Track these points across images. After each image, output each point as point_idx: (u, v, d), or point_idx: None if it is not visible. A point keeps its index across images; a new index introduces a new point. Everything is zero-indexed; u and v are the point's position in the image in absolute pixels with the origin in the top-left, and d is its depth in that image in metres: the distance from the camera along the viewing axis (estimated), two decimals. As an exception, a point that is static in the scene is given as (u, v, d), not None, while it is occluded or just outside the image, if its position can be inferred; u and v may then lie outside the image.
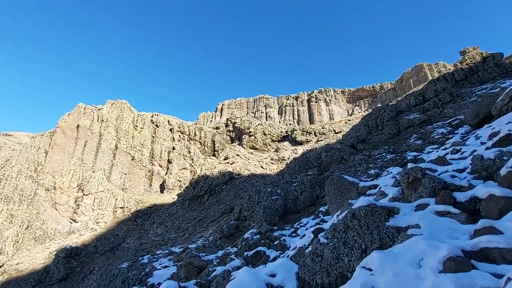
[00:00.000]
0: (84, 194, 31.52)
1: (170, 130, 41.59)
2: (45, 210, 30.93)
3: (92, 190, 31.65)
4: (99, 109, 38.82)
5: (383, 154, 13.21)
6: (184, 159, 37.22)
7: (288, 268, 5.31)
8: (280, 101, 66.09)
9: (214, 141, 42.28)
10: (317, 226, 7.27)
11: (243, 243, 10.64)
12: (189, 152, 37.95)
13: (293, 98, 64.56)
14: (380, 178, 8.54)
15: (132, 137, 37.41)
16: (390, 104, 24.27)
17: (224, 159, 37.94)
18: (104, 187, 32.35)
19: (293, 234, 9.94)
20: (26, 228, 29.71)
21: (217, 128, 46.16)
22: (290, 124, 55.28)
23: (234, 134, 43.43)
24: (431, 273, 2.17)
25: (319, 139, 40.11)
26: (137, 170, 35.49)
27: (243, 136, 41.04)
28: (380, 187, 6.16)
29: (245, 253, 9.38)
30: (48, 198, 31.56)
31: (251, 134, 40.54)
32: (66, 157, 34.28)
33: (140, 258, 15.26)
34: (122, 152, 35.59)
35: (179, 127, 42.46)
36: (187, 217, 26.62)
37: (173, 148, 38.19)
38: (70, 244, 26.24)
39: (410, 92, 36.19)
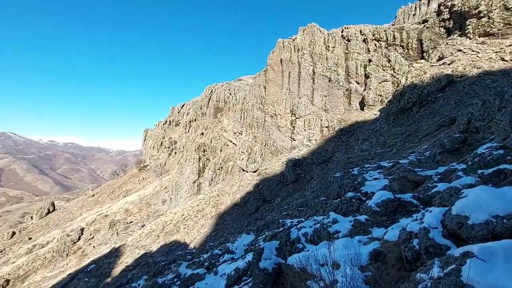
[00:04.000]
0: (296, 118, 37.54)
1: (364, 41, 37.71)
2: (273, 132, 40.31)
3: (301, 114, 36.92)
4: (293, 40, 41.89)
5: None
6: (384, 70, 33.33)
7: None
8: None
9: (421, 40, 33.90)
10: None
11: (475, 160, 8.54)
12: (389, 61, 33.22)
13: None
14: None
15: (326, 59, 37.93)
16: None
17: (437, 60, 30.00)
18: (310, 110, 36.60)
19: None
20: (265, 145, 40.56)
21: (425, 21, 36.05)
22: None
23: (451, 22, 32.17)
24: None
25: None
26: (335, 91, 36.56)
27: (466, 22, 29.49)
28: None
29: (480, 171, 7.51)
30: (273, 123, 40.57)
31: (481, 15, 28.00)
32: (278, 89, 41.40)
33: (350, 170, 16.67)
34: (319, 75, 37.53)
35: (373, 35, 37.48)
36: (393, 133, 25.00)
37: (369, 61, 34.94)
38: (294, 157, 33.22)
39: None
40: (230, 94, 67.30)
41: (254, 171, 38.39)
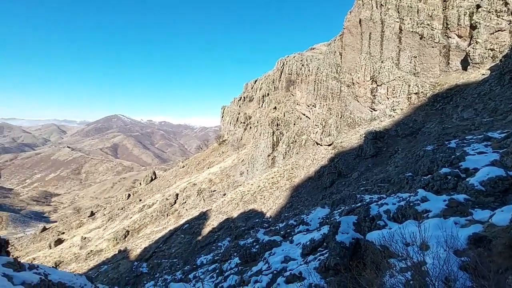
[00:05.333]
0: (377, 85, 33.75)
1: (470, -18, 30.07)
2: (349, 102, 37.53)
3: (384, 80, 32.94)
4: (375, -5, 36.57)
5: None
6: (498, 16, 26.12)
7: None
8: None
9: (562, -32, 24.93)
10: None
11: None
12: (506, 3, 25.72)
13: None
14: None
15: (417, 12, 31.97)
16: None
17: None
18: (395, 75, 32.21)
19: None
20: (340, 117, 38.32)
21: None
22: None
23: None
24: None
25: None
26: (428, 50, 30.87)
27: None
28: None
29: None
30: (350, 92, 37.61)
31: None
32: (356, 54, 37.57)
33: (446, 142, 14.31)
34: (407, 33, 32.14)
35: (485, -28, 29.46)
36: (507, 96, 20.06)
37: (477, 7, 27.83)
38: (374, 129, 30.47)
39: None
40: (303, 65, 64.72)
41: (329, 145, 37.07)
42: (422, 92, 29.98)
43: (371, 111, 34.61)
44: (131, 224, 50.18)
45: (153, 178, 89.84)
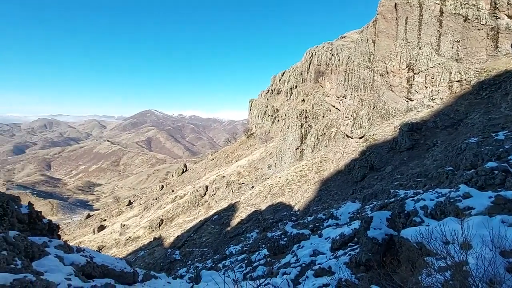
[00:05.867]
0: (414, 73, 31.60)
1: (526, -47, 26.66)
2: (383, 93, 35.65)
3: (421, 68, 30.73)
4: (412, -24, 33.90)
5: None
6: (561, -9, 23.02)
7: None
8: None
9: None
10: None
11: None
12: None
13: None
14: None
15: (461, -8, 29.23)
16: None
17: None
18: (434, 62, 29.88)
19: None
20: (373, 108, 36.60)
21: None
22: None
23: None
24: None
25: None
26: (473, 33, 28.11)
27: None
28: None
29: None
30: (384, 82, 35.67)
31: None
32: (390, 41, 35.37)
33: (492, 134, 13.05)
34: (449, 15, 29.50)
35: None
36: None
37: (534, -18, 24.73)
38: (410, 120, 28.74)
39: None
40: (332, 55, 62.45)
41: (360, 137, 35.70)
42: (465, 79, 27.55)
43: (407, 102, 32.61)
44: (165, 214, 52.84)
45: (184, 170, 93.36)
